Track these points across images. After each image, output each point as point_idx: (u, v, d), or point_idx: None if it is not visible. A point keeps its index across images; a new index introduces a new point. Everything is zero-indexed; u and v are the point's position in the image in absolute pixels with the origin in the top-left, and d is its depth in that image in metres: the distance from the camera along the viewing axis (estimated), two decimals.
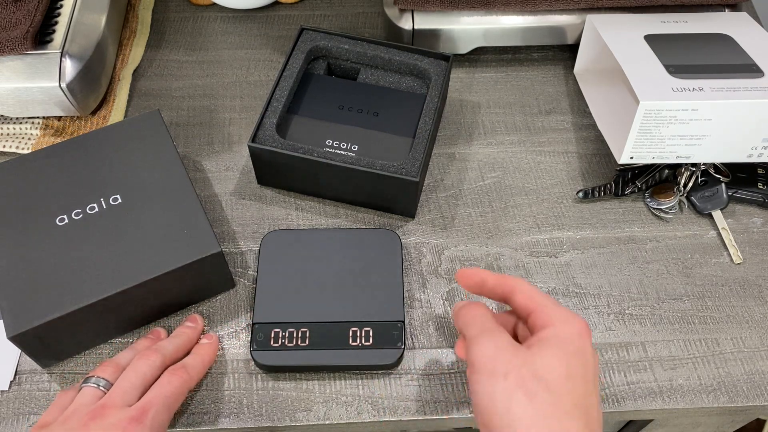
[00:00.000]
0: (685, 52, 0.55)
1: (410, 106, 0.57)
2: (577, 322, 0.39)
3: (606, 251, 0.54)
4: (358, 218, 0.56)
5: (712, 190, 0.56)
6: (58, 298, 0.44)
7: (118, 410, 0.41)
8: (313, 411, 0.47)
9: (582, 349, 0.38)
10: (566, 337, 0.38)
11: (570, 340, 0.38)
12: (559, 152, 0.60)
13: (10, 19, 0.56)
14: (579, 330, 0.38)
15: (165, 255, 0.46)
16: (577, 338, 0.38)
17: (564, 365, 0.37)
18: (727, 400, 0.48)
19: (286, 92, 0.56)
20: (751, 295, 0.52)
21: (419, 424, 0.48)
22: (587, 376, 0.37)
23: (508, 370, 0.37)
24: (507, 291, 0.42)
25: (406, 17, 0.62)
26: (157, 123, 0.54)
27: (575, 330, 0.38)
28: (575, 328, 0.38)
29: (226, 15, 0.70)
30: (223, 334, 0.50)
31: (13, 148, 0.58)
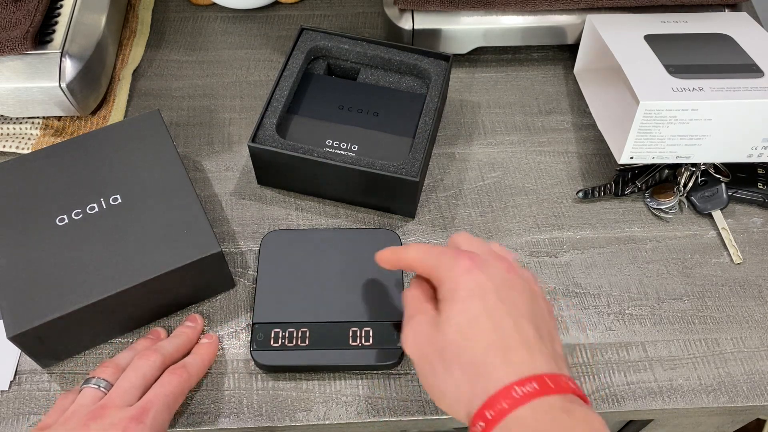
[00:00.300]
0: (685, 52, 0.55)
1: (410, 106, 0.57)
2: (461, 261, 0.38)
3: (606, 251, 0.54)
4: (358, 218, 0.56)
5: (712, 190, 0.56)
6: (58, 298, 0.44)
7: (118, 410, 0.41)
8: (313, 411, 0.47)
9: (476, 285, 0.37)
10: (455, 285, 0.37)
11: (459, 285, 0.37)
12: (559, 152, 0.60)
13: (10, 19, 0.56)
14: (464, 269, 0.37)
15: (165, 255, 0.46)
16: (465, 277, 0.37)
17: (463, 316, 0.36)
18: (727, 400, 0.48)
19: (286, 92, 0.56)
20: (751, 295, 0.52)
21: (419, 424, 0.48)
22: (492, 308, 0.36)
23: (426, 352, 0.37)
24: (408, 267, 0.41)
25: (406, 17, 0.62)
26: (157, 123, 0.54)
27: (460, 271, 0.37)
28: (459, 269, 0.37)
29: (226, 15, 0.70)
30: (223, 334, 0.50)
31: (13, 148, 0.58)
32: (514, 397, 0.33)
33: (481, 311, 0.36)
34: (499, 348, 0.35)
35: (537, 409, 0.32)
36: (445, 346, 0.36)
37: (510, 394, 0.33)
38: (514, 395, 0.33)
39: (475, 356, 0.35)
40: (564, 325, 0.51)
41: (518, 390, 0.33)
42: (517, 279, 0.39)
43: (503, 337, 0.35)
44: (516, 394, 0.33)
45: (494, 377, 0.34)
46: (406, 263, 0.41)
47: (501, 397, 0.33)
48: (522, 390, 0.33)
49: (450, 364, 0.36)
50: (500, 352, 0.35)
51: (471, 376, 0.35)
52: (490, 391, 0.34)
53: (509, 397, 0.33)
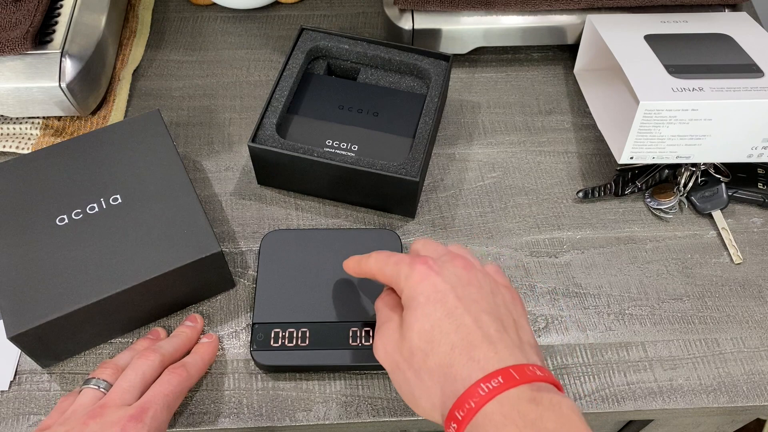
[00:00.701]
0: (685, 52, 0.55)
1: (410, 106, 0.57)
2: (416, 268, 0.38)
3: (606, 251, 0.54)
4: (358, 218, 0.56)
5: (712, 190, 0.56)
6: (58, 298, 0.44)
7: (117, 409, 0.41)
8: (313, 411, 0.47)
9: (433, 289, 0.37)
10: (413, 293, 0.38)
11: (417, 292, 0.37)
12: (559, 152, 0.60)
13: (10, 19, 0.56)
14: (420, 275, 0.38)
15: (165, 255, 0.46)
16: (422, 283, 0.38)
17: (424, 321, 0.37)
18: (727, 400, 0.48)
19: (286, 92, 0.56)
20: (751, 295, 0.52)
21: (419, 424, 0.48)
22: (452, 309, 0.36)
23: (395, 360, 0.37)
24: (372, 276, 0.42)
25: (406, 17, 0.62)
26: (157, 123, 0.54)
27: (417, 278, 0.38)
28: (415, 276, 0.38)
29: (226, 15, 0.70)
30: (223, 334, 0.50)
31: (13, 148, 0.58)
32: (480, 394, 0.33)
33: (441, 314, 0.36)
34: (463, 347, 0.35)
35: (503, 402, 0.33)
36: (411, 353, 0.37)
37: (476, 392, 0.33)
38: (480, 393, 0.33)
39: (440, 360, 0.35)
40: (564, 325, 0.51)
41: (484, 387, 0.33)
42: (475, 274, 0.39)
43: (466, 336, 0.36)
44: (482, 391, 0.33)
45: (461, 377, 0.34)
46: (369, 272, 0.42)
47: (468, 396, 0.33)
48: (487, 386, 0.33)
49: (419, 370, 0.36)
50: (464, 352, 0.35)
51: (439, 379, 0.35)
52: (459, 392, 0.34)
53: (476, 395, 0.33)
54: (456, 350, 0.35)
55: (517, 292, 0.43)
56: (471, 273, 0.39)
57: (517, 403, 0.33)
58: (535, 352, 0.38)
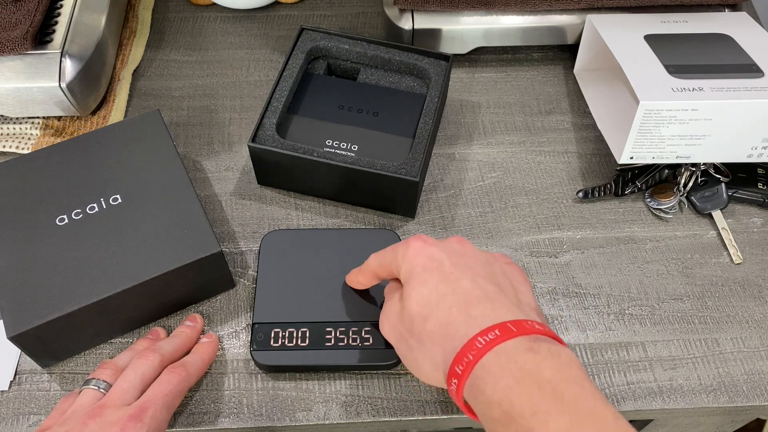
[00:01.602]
0: (685, 52, 0.55)
1: (410, 106, 0.57)
2: (411, 244, 0.40)
3: (606, 251, 0.54)
4: (358, 218, 0.56)
5: (712, 190, 0.56)
6: (58, 298, 0.44)
7: (116, 409, 0.41)
8: (313, 411, 0.47)
9: (428, 260, 0.39)
10: (410, 266, 0.39)
11: (414, 265, 0.39)
12: (559, 152, 0.60)
13: (10, 19, 0.56)
14: (415, 250, 0.39)
15: (165, 255, 0.46)
16: (418, 256, 0.39)
17: (422, 289, 0.38)
18: (727, 400, 0.48)
19: (286, 92, 0.56)
20: (751, 295, 0.52)
21: (419, 424, 0.48)
22: (448, 274, 0.38)
23: (399, 331, 0.39)
24: (375, 276, 0.44)
25: (406, 17, 0.62)
26: (157, 123, 0.54)
27: (412, 252, 0.39)
28: (411, 251, 0.40)
29: (226, 15, 0.70)
30: (223, 334, 0.50)
31: (13, 148, 0.58)
32: (477, 347, 0.34)
33: (437, 280, 0.38)
34: (461, 306, 0.36)
35: (500, 353, 0.33)
36: (411, 319, 0.38)
37: (474, 345, 0.34)
38: (478, 345, 0.34)
39: (439, 320, 0.36)
40: (564, 325, 0.51)
41: (481, 340, 0.34)
42: (470, 248, 0.41)
43: (463, 297, 0.37)
44: (479, 344, 0.34)
45: (459, 334, 0.35)
46: (371, 271, 0.44)
47: (467, 350, 0.34)
48: (484, 339, 0.34)
49: (420, 334, 0.37)
50: (462, 310, 0.36)
51: (440, 340, 0.36)
52: (458, 348, 0.35)
53: (473, 348, 0.34)
54: (454, 309, 0.36)
55: (521, 268, 0.44)
56: (466, 246, 0.41)
57: (514, 353, 0.33)
58: (537, 313, 0.38)
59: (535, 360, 0.33)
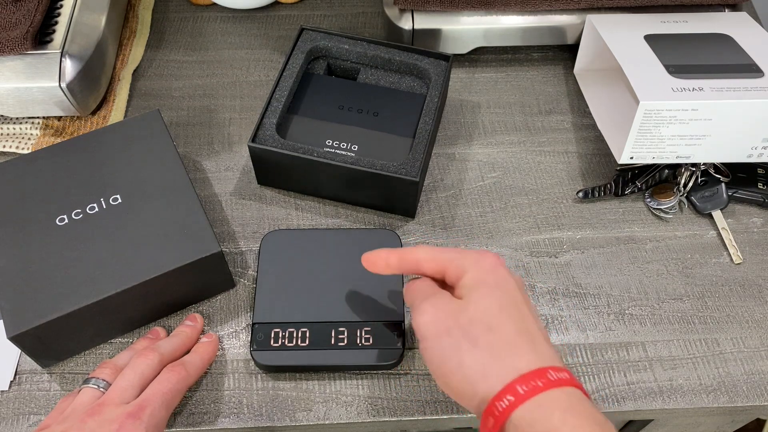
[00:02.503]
0: (685, 52, 0.55)
1: (410, 106, 0.57)
2: (487, 257, 0.40)
3: (606, 251, 0.54)
4: (358, 218, 0.56)
5: (712, 190, 0.56)
6: (58, 298, 0.44)
7: (115, 407, 0.41)
8: (313, 411, 0.47)
9: (502, 279, 0.39)
10: (483, 275, 0.39)
11: (487, 276, 0.39)
12: (559, 152, 0.60)
13: (10, 19, 0.56)
14: (491, 264, 0.40)
15: (165, 255, 0.46)
16: (492, 271, 0.39)
17: (493, 300, 0.38)
18: (727, 400, 0.48)
19: (286, 92, 0.56)
20: (751, 295, 0.52)
21: (419, 424, 0.48)
22: (517, 302, 0.39)
23: (448, 326, 0.38)
24: (413, 265, 0.43)
25: (406, 17, 0.62)
26: (157, 123, 0.54)
27: (488, 265, 0.40)
28: (487, 263, 0.40)
29: (226, 15, 0.70)
30: (223, 334, 0.50)
31: (13, 148, 0.58)
32: (549, 379, 0.35)
33: (508, 301, 0.38)
34: (527, 336, 0.37)
35: (570, 394, 0.35)
36: (472, 323, 0.37)
37: (545, 375, 0.35)
38: (549, 377, 0.35)
39: (504, 337, 0.37)
40: (564, 325, 0.51)
41: (553, 374, 0.35)
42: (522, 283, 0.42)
43: (528, 329, 0.38)
44: (551, 377, 0.35)
45: (525, 359, 0.36)
46: (413, 261, 0.42)
47: (536, 376, 0.35)
48: (556, 375, 0.35)
49: (476, 339, 0.37)
50: (528, 339, 0.37)
51: (500, 352, 0.36)
52: (522, 370, 0.35)
53: (544, 377, 0.35)
54: (521, 335, 0.37)
55: None
56: (523, 289, 0.41)
57: (581, 399, 0.35)
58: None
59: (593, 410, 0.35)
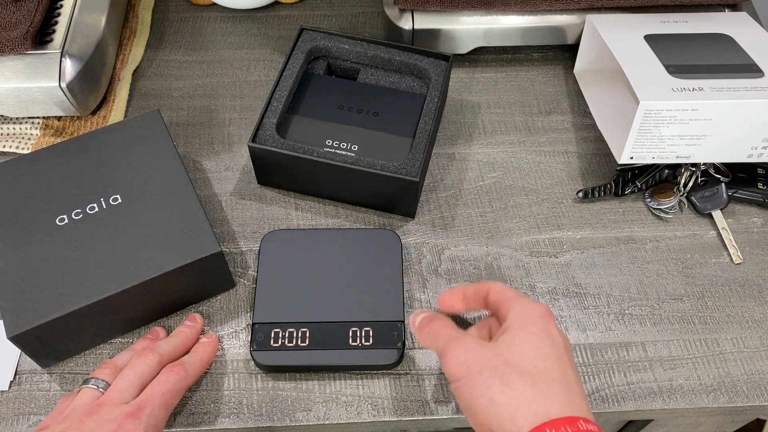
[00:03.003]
0: (685, 52, 0.55)
1: (410, 106, 0.57)
2: (537, 307, 0.41)
3: (606, 251, 0.54)
4: (358, 218, 0.56)
5: (712, 190, 0.56)
6: (58, 298, 0.44)
7: (114, 407, 0.41)
8: (313, 411, 0.47)
9: (545, 328, 0.40)
10: (528, 321, 0.40)
11: (531, 323, 0.40)
12: (559, 152, 0.60)
13: (10, 19, 0.56)
14: (540, 312, 0.40)
15: (165, 255, 0.46)
16: (539, 319, 0.40)
17: (531, 346, 0.38)
18: (727, 400, 0.48)
19: (286, 92, 0.56)
20: (751, 295, 0.52)
21: (419, 424, 0.48)
22: (558, 352, 0.39)
23: (481, 366, 0.38)
24: (483, 293, 0.44)
25: (406, 17, 0.62)
26: (157, 123, 0.54)
27: (536, 313, 0.40)
28: (536, 311, 0.40)
29: (226, 15, 0.70)
30: (223, 334, 0.50)
31: (13, 148, 0.58)
32: (579, 428, 0.35)
33: (548, 351, 0.39)
34: (563, 385, 0.37)
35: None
36: (507, 365, 0.38)
37: (575, 424, 0.35)
38: (579, 427, 0.35)
39: (539, 382, 0.37)
40: (564, 325, 0.51)
41: (583, 425, 0.35)
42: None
43: (566, 379, 0.38)
44: (581, 426, 0.35)
45: (556, 406, 0.36)
46: (485, 290, 0.44)
47: (566, 423, 0.35)
48: (586, 426, 0.35)
49: (509, 380, 0.37)
50: (563, 389, 0.37)
51: (533, 396, 0.36)
52: (552, 416, 0.35)
53: (574, 426, 0.35)
54: (556, 383, 0.37)
55: None
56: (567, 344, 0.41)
57: None
58: None
59: None
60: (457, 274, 0.53)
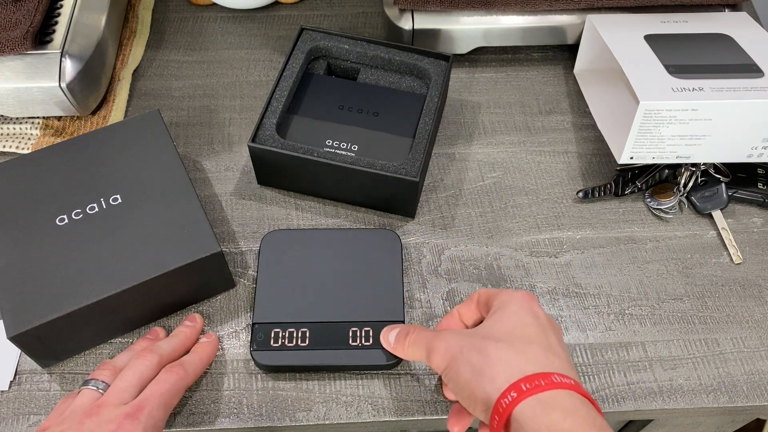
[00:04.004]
0: (685, 52, 0.55)
1: (410, 106, 0.57)
2: (520, 291, 0.43)
3: (606, 251, 0.54)
4: (358, 218, 0.56)
5: (712, 190, 0.56)
6: (58, 298, 0.44)
7: (113, 408, 0.41)
8: (313, 411, 0.47)
9: (527, 306, 0.42)
10: (509, 302, 0.42)
11: (512, 303, 0.42)
12: (559, 152, 0.60)
13: (10, 19, 0.56)
14: (521, 295, 0.43)
15: (165, 255, 0.46)
16: (520, 300, 0.42)
17: (509, 321, 0.41)
18: (727, 400, 0.48)
19: (286, 92, 0.56)
20: (751, 295, 0.52)
21: (419, 424, 0.48)
22: (540, 322, 0.41)
23: (461, 346, 0.40)
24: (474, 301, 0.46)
25: (406, 17, 0.62)
26: (157, 123, 0.54)
27: (518, 296, 0.42)
28: (518, 294, 0.43)
29: (226, 15, 0.70)
30: (223, 334, 0.50)
31: (13, 148, 0.58)
32: (553, 381, 0.37)
33: (531, 321, 0.41)
34: (539, 347, 0.39)
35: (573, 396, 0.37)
36: (484, 339, 0.40)
37: (549, 377, 0.37)
38: (553, 380, 0.37)
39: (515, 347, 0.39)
40: (564, 325, 0.51)
41: (557, 378, 0.37)
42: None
43: (547, 343, 0.40)
44: (555, 379, 0.37)
45: (532, 364, 0.38)
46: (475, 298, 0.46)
47: (540, 377, 0.37)
48: (560, 379, 0.37)
49: (486, 351, 0.39)
50: (540, 349, 0.39)
51: (509, 359, 0.39)
52: (527, 372, 0.37)
53: (548, 379, 0.37)
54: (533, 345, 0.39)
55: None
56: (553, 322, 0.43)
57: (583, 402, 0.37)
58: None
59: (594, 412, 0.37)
60: (457, 274, 0.53)
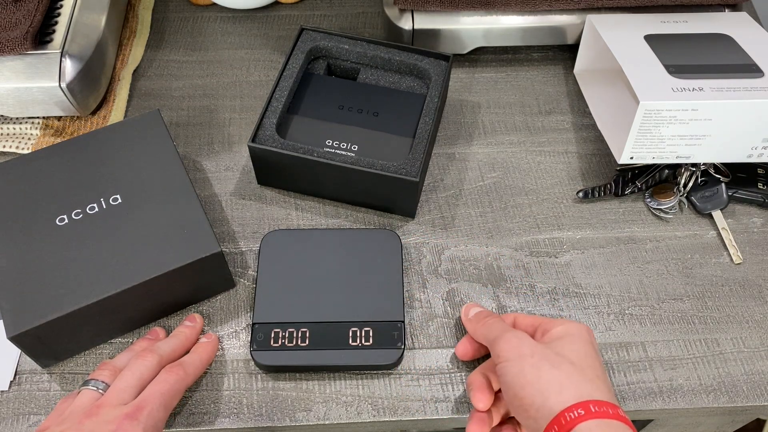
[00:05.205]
0: (685, 52, 0.55)
1: (410, 106, 0.57)
2: (582, 324, 0.45)
3: (606, 251, 0.54)
4: (358, 218, 0.56)
5: (712, 190, 0.56)
6: (58, 298, 0.44)
7: (113, 408, 0.41)
8: (313, 411, 0.47)
9: (591, 340, 0.44)
10: (575, 331, 0.44)
11: (578, 333, 0.44)
12: (559, 152, 0.60)
13: (10, 19, 0.56)
14: (587, 327, 0.45)
15: (165, 255, 0.46)
16: (585, 332, 0.44)
17: (579, 348, 0.42)
18: (727, 400, 0.48)
19: (286, 92, 0.56)
20: (751, 295, 0.52)
21: (419, 424, 0.48)
22: (600, 360, 0.43)
23: (532, 351, 0.42)
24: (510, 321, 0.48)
25: (406, 17, 0.62)
26: (157, 123, 0.54)
27: (583, 327, 0.44)
28: (582, 326, 0.44)
29: (226, 15, 0.70)
30: (223, 334, 0.50)
31: (13, 148, 0.58)
32: (618, 414, 0.39)
33: (593, 354, 0.43)
34: (605, 382, 0.41)
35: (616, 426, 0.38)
36: (557, 355, 0.42)
37: (617, 409, 0.39)
38: (619, 413, 0.39)
39: (585, 372, 0.41)
40: None
41: (621, 413, 0.39)
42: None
43: (606, 381, 0.42)
44: (620, 413, 0.39)
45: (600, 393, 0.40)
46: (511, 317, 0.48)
47: (608, 406, 0.39)
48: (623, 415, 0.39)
49: (559, 364, 0.41)
50: (605, 384, 0.41)
51: (579, 380, 0.40)
52: (596, 398, 0.39)
53: (615, 410, 0.39)
54: (600, 380, 0.41)
55: None
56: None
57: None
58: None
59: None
60: (457, 274, 0.53)
